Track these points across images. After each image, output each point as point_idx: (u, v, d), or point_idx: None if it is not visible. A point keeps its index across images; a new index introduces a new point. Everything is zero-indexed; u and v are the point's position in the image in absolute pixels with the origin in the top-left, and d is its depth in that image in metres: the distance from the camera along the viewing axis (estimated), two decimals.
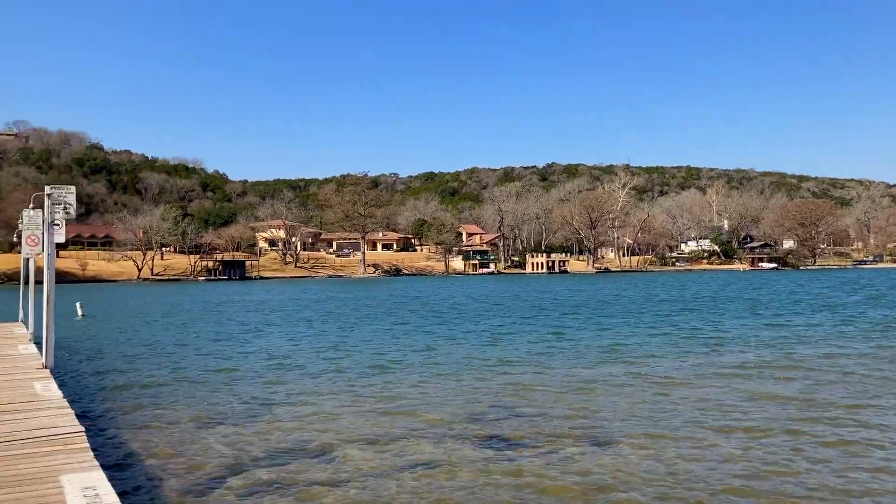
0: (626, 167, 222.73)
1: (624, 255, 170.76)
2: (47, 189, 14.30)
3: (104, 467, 7.52)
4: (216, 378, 17.91)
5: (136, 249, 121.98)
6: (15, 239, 20.61)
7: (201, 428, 12.68)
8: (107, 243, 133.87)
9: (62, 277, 20.93)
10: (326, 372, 18.77)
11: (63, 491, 6.53)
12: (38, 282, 22.21)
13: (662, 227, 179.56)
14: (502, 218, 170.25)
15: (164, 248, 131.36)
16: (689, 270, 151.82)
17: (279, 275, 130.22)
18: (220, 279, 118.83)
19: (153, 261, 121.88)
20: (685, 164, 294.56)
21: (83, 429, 8.88)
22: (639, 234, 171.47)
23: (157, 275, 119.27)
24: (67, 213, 14.35)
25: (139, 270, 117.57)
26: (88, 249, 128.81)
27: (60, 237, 14.32)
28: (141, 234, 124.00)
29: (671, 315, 36.23)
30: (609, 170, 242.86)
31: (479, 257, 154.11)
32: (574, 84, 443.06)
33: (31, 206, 15.22)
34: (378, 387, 16.45)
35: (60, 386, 12.18)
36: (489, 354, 21.84)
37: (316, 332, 29.90)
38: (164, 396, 15.58)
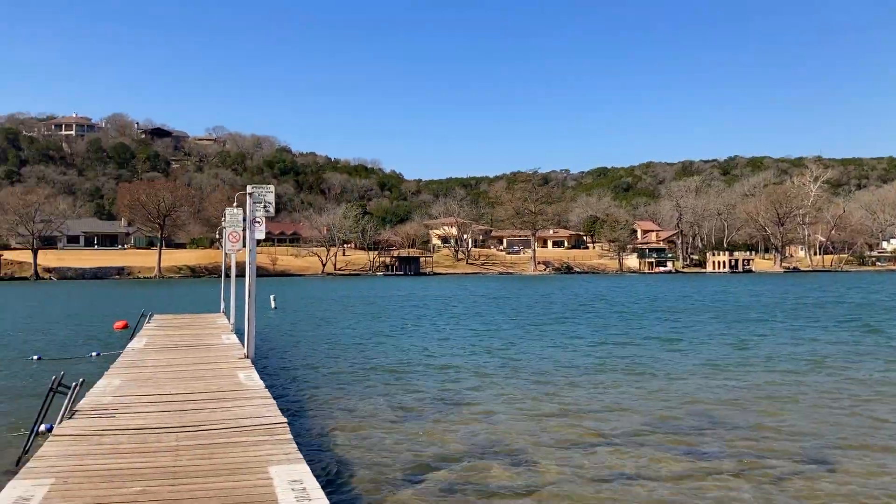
0: (818, 159, 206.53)
1: (815, 253, 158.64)
2: (249, 188, 15.05)
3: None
4: (402, 372, 18.20)
5: (321, 246, 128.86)
6: (216, 236, 22.54)
7: (390, 423, 12.82)
8: (294, 240, 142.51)
9: (257, 272, 22.82)
10: (518, 373, 18.54)
11: (272, 482, 6.64)
12: (238, 275, 23.93)
13: (860, 223, 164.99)
14: (681, 214, 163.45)
15: (345, 245, 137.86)
16: (893, 271, 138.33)
17: (451, 271, 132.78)
18: (396, 274, 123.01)
19: (336, 256, 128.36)
20: (886, 155, 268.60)
21: (286, 420, 9.12)
22: (832, 232, 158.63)
23: (339, 270, 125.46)
24: (267, 210, 15.05)
25: (323, 265, 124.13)
26: (278, 245, 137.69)
27: (261, 234, 15.04)
28: (325, 232, 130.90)
29: None
30: (798, 162, 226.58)
31: (655, 255, 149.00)
32: (758, 71, 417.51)
33: (234, 204, 16.12)
34: (575, 390, 16.00)
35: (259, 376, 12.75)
36: (701, 358, 20.75)
37: (502, 328, 29.88)
38: (353, 389, 16.00)
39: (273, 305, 42.16)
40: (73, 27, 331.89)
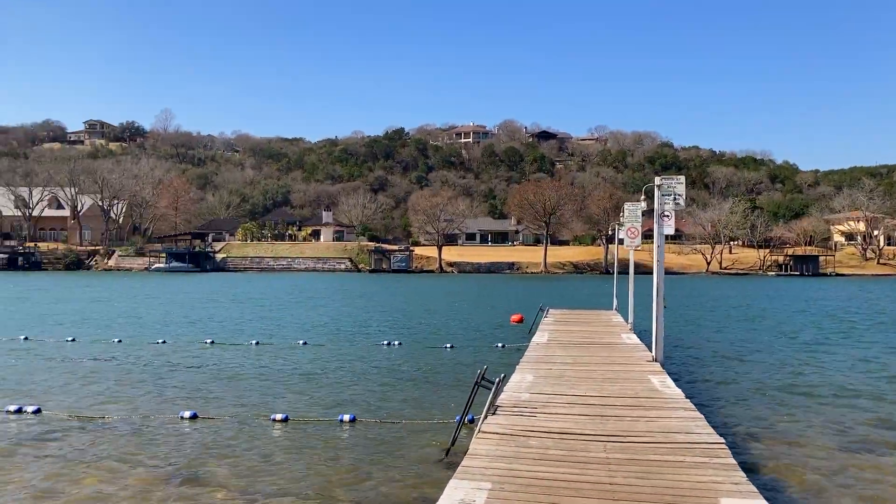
0: None
1: None
2: (657, 180, 14.10)
3: None
4: (846, 396, 15.59)
5: (705, 243, 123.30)
6: (609, 232, 22.16)
7: (839, 451, 10.69)
8: (676, 236, 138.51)
9: (639, 268, 21.90)
10: None
11: None
12: (623, 272, 23.20)
13: None
14: None
15: (732, 242, 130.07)
16: None
17: (857, 272, 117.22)
18: (790, 275, 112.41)
19: (721, 254, 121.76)
20: None
21: (722, 439, 7.96)
22: None
23: (725, 268, 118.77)
24: (677, 203, 13.95)
25: (707, 263, 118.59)
26: None
27: (670, 229, 13.98)
28: (710, 228, 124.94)
29: None
30: None
31: None
32: None
33: (642, 197, 15.32)
34: None
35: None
36: None
37: None
38: (789, 410, 13.61)
39: (663, 304, 40.67)
40: (468, 42, 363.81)
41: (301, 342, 22.62)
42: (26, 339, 23.00)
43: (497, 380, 9.60)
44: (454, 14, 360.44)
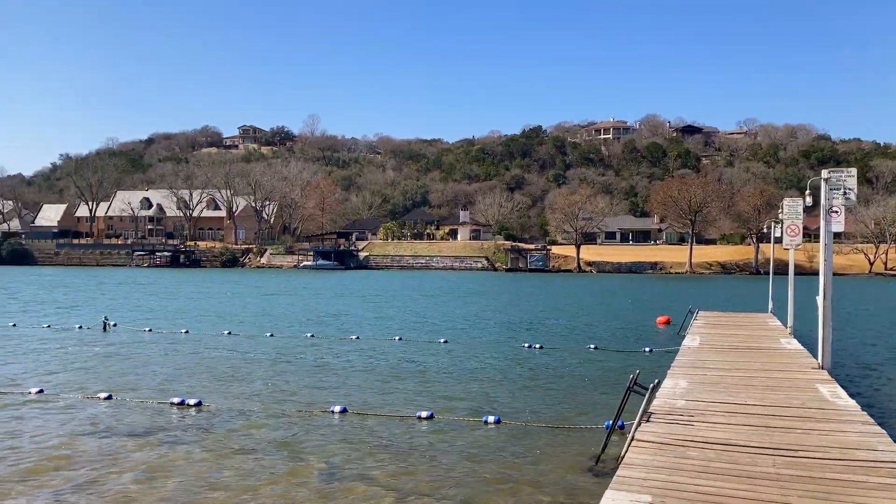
0: None
1: None
2: (825, 173, 13.04)
3: None
4: None
5: (868, 242, 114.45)
6: (761, 230, 20.75)
7: None
8: (835, 235, 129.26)
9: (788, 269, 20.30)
10: None
11: None
12: (779, 273, 21.70)
13: None
14: None
15: None
16: None
17: None
18: None
19: (886, 254, 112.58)
20: None
21: None
22: None
23: (889, 269, 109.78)
24: (847, 198, 12.86)
25: (870, 264, 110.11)
26: (814, 241, 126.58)
27: (839, 225, 12.91)
28: (873, 226, 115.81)
29: None
30: None
31: None
32: None
33: (806, 193, 14.22)
34: None
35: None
36: None
37: None
38: None
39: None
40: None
41: (443, 340, 22.77)
42: (186, 332, 24.51)
43: (651, 385, 9.14)
44: (593, 7, 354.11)
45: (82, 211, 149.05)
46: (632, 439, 8.00)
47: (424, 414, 12.09)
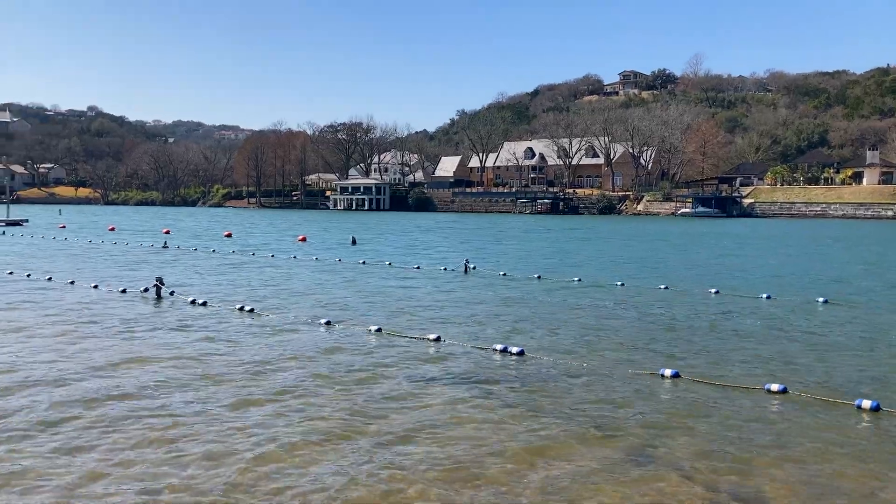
0: None
1: None
2: None
3: None
4: None
5: None
6: None
7: None
8: None
9: None
10: None
11: None
12: None
13: None
14: None
15: None
16: None
17: None
18: None
19: None
20: None
21: None
22: None
23: None
24: None
25: None
26: None
27: None
28: None
29: None
30: None
31: None
32: None
33: None
34: None
35: None
36: None
37: None
38: None
39: None
40: None
41: (821, 299, 19.25)
42: (579, 280, 24.38)
43: None
44: None
45: (474, 162, 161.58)
46: None
47: (775, 387, 9.88)
